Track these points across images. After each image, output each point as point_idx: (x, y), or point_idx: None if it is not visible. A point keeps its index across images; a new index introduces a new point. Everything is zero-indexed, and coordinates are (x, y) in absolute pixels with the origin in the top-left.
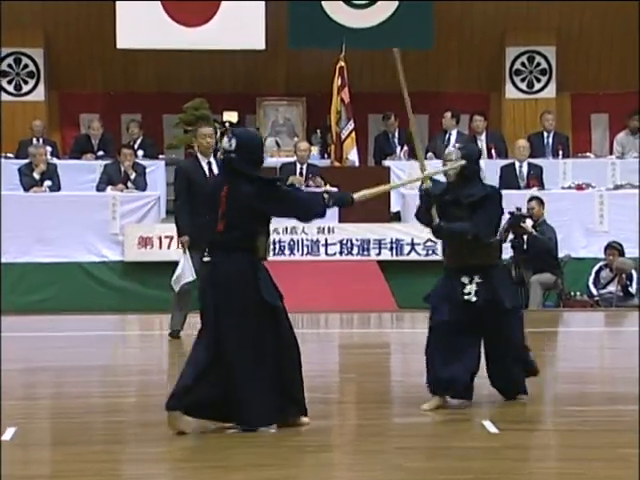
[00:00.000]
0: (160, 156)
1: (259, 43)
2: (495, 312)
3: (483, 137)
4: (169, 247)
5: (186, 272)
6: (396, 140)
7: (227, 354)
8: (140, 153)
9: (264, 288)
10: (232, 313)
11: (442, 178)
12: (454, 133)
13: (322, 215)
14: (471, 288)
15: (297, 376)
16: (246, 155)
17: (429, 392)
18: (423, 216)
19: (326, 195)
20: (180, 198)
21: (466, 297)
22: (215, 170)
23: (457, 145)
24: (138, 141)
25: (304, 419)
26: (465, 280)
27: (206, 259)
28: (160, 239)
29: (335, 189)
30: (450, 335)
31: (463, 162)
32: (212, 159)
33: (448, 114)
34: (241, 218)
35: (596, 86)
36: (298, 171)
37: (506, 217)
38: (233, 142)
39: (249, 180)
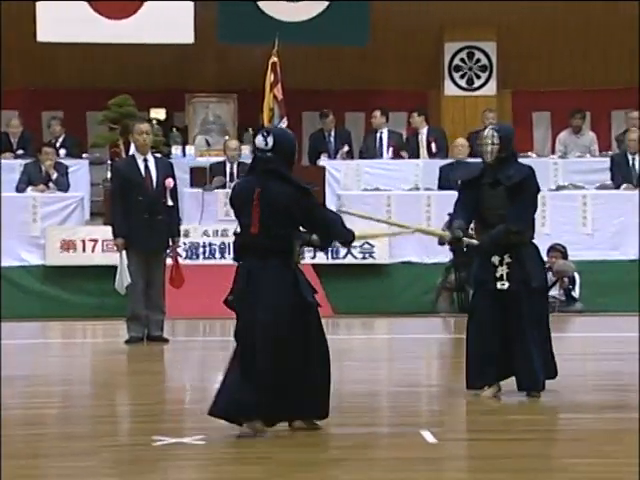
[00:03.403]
0: (84, 155)
1: (188, 37)
2: (523, 291)
3: (424, 131)
4: (93, 251)
5: (125, 274)
6: (332, 139)
7: (261, 354)
8: (62, 152)
9: (304, 289)
10: (270, 314)
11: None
12: (385, 131)
13: (345, 243)
14: (502, 270)
15: (325, 376)
16: (282, 155)
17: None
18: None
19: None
20: (114, 199)
21: (499, 286)
22: (152, 168)
23: (492, 126)
24: (60, 139)
25: (318, 422)
26: (495, 261)
27: (240, 264)
28: (84, 242)
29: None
30: (487, 328)
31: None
32: (149, 156)
33: (377, 113)
34: (276, 220)
35: (538, 83)
36: (228, 170)
37: (447, 218)
38: (270, 140)
39: (284, 181)
